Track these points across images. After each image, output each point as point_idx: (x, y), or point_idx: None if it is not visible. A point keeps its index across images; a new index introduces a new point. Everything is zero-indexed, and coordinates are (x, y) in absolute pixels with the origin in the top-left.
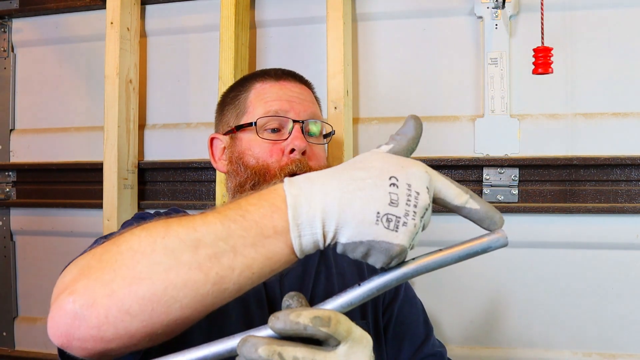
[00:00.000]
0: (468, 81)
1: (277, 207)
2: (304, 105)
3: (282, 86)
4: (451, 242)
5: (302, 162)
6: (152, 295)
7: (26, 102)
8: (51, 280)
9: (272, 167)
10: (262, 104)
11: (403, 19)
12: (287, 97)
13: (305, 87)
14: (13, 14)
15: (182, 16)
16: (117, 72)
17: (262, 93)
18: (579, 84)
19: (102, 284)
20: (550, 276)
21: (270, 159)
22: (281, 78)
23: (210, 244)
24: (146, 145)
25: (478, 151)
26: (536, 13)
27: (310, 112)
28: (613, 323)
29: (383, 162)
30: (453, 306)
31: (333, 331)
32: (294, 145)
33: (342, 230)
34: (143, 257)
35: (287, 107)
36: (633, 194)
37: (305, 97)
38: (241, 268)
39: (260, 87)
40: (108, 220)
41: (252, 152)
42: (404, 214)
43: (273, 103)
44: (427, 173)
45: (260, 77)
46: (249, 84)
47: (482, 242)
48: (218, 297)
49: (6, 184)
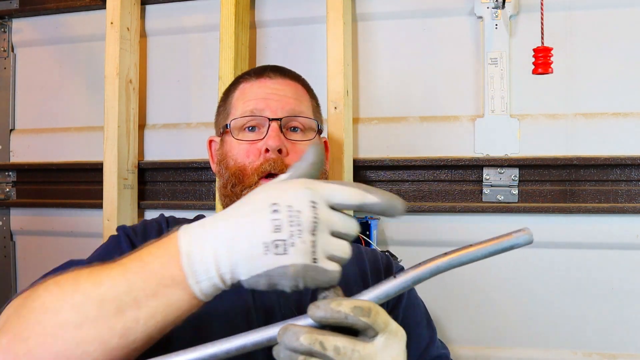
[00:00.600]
0: (468, 81)
1: (172, 256)
2: (282, 101)
3: (261, 84)
4: (452, 242)
5: (276, 161)
6: (65, 351)
7: (26, 102)
8: None
9: (248, 169)
10: (241, 104)
11: (403, 18)
12: (264, 94)
13: (292, 81)
14: (13, 14)
15: (182, 16)
16: (117, 72)
17: (243, 93)
18: (579, 84)
19: (20, 341)
20: (550, 276)
21: (247, 160)
22: (262, 75)
23: (114, 298)
24: (146, 145)
25: (478, 151)
26: (536, 13)
27: (290, 108)
28: (613, 323)
29: (266, 191)
30: (454, 306)
31: (372, 321)
32: (267, 145)
33: (237, 269)
34: (54, 315)
35: (262, 105)
36: (633, 194)
37: (286, 92)
38: (145, 318)
39: (242, 86)
40: (108, 220)
41: (231, 153)
42: (289, 235)
43: (250, 102)
44: (309, 188)
45: (245, 77)
46: (236, 84)
47: (509, 239)
48: (127, 348)
49: (6, 184)
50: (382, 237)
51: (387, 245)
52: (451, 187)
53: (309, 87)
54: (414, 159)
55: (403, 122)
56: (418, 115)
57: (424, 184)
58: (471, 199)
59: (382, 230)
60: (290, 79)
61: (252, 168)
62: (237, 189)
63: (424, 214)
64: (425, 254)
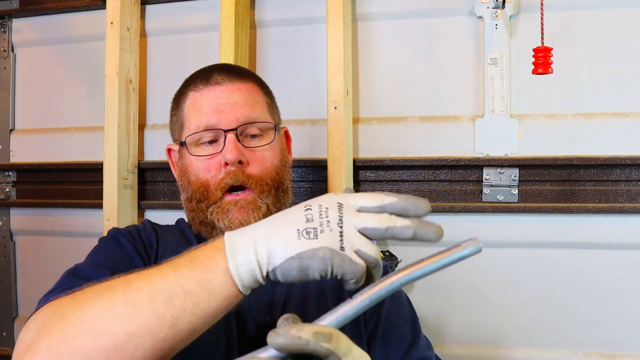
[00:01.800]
0: (468, 81)
1: (218, 249)
2: (235, 110)
3: (210, 92)
4: (452, 242)
5: (237, 173)
6: (115, 346)
7: (26, 102)
8: (51, 280)
9: (210, 184)
10: (194, 119)
11: (403, 19)
12: (215, 105)
13: (241, 82)
14: (13, 14)
15: (182, 16)
16: (117, 72)
17: (194, 104)
18: (579, 84)
19: (65, 344)
20: (550, 276)
21: (209, 175)
22: (210, 82)
23: (164, 289)
24: (146, 145)
25: (478, 151)
26: (536, 13)
27: (245, 116)
28: (613, 323)
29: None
30: (453, 306)
31: (334, 347)
32: (225, 159)
33: (273, 254)
34: (105, 311)
35: (215, 118)
36: (633, 194)
37: (238, 99)
38: (191, 307)
39: (192, 96)
40: (108, 220)
41: (192, 169)
42: (319, 224)
43: (202, 116)
44: (337, 195)
45: (193, 84)
46: (186, 92)
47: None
48: (175, 339)
49: (6, 184)
50: None
51: (387, 245)
52: (451, 187)
53: (261, 82)
54: (414, 159)
55: (403, 122)
56: (418, 115)
57: (424, 184)
58: (471, 199)
59: None
60: (240, 81)
61: (214, 183)
62: (202, 205)
63: None
64: (425, 254)
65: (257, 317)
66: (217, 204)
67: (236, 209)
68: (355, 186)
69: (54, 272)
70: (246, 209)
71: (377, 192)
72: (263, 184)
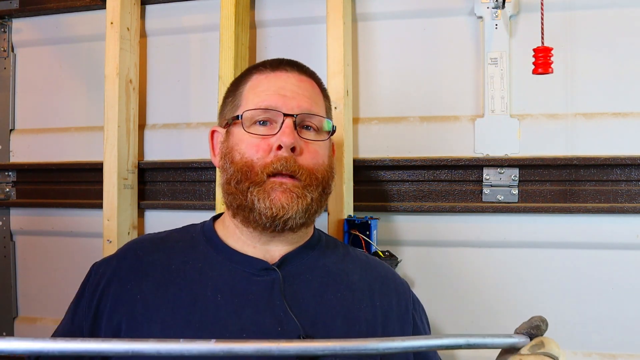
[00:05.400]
0: (468, 81)
1: None
2: (299, 98)
3: (277, 77)
4: (452, 242)
5: (288, 160)
6: None
7: (26, 102)
8: (51, 280)
9: (255, 165)
10: (255, 97)
11: (403, 19)
12: (280, 88)
13: (308, 78)
14: (13, 14)
15: (182, 16)
16: (117, 72)
17: (257, 85)
18: (579, 84)
19: None
20: (550, 276)
21: (256, 155)
22: (278, 68)
23: None
24: (146, 145)
25: (478, 151)
26: (536, 13)
27: (306, 106)
28: (613, 323)
29: None
30: (453, 306)
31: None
32: (280, 142)
33: None
34: None
35: (278, 100)
36: (633, 194)
37: (303, 89)
38: None
39: (256, 78)
40: (108, 220)
41: (239, 147)
42: None
43: (264, 96)
44: None
45: (258, 68)
46: (248, 75)
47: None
48: None
49: (6, 184)
50: (382, 237)
51: (387, 245)
52: (451, 187)
53: (324, 87)
54: (414, 159)
55: (403, 122)
56: (418, 115)
57: (424, 184)
58: (471, 199)
59: (382, 230)
60: (307, 76)
61: (260, 165)
62: (242, 186)
63: (424, 214)
64: (425, 254)
65: None
66: (259, 185)
67: (281, 190)
68: (355, 186)
69: (54, 272)
70: (292, 193)
71: None
72: (313, 177)
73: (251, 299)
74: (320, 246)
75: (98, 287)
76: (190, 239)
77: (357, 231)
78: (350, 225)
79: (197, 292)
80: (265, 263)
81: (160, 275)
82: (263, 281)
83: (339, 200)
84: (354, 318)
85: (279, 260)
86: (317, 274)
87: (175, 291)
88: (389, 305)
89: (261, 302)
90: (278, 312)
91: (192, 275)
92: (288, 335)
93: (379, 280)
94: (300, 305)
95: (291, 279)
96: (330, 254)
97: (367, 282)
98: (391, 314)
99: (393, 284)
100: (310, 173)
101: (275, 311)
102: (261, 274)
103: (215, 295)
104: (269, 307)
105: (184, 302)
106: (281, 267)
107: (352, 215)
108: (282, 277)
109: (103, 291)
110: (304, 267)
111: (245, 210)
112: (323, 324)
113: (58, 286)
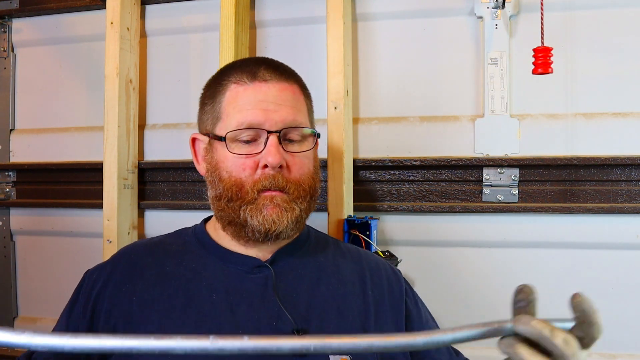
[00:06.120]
0: (468, 81)
1: None
2: (281, 111)
3: (257, 90)
4: (452, 242)
5: (276, 177)
6: None
7: (26, 102)
8: (51, 280)
9: (245, 183)
10: (235, 113)
11: (403, 18)
12: (261, 103)
13: (288, 83)
14: (13, 14)
15: (182, 16)
16: (117, 72)
17: (236, 98)
18: (579, 84)
19: None
20: (550, 276)
21: (243, 174)
22: (256, 77)
23: None
24: (146, 145)
25: (478, 151)
26: (536, 13)
27: (290, 118)
28: (613, 323)
29: None
30: (453, 306)
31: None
32: (266, 162)
33: None
34: None
35: (260, 116)
36: (633, 194)
37: (284, 99)
38: None
39: (234, 89)
40: (108, 220)
41: (225, 165)
42: None
43: (246, 113)
44: None
45: (236, 76)
46: (225, 82)
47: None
48: None
49: (6, 184)
50: (382, 237)
51: (387, 245)
52: (451, 187)
53: (303, 84)
54: (414, 159)
55: (403, 122)
56: (418, 115)
57: (424, 184)
58: (471, 199)
59: (382, 230)
60: (286, 81)
61: (250, 183)
62: (234, 205)
63: (424, 214)
64: (425, 254)
65: None
66: (251, 202)
67: (271, 206)
68: (356, 186)
69: (54, 272)
70: (281, 207)
71: None
72: (300, 189)
73: (245, 296)
74: (311, 241)
75: (93, 292)
76: (183, 242)
77: (357, 231)
78: (350, 225)
79: (192, 291)
80: (258, 261)
81: (155, 277)
82: (256, 278)
83: (339, 200)
84: (347, 310)
85: (271, 257)
86: (308, 268)
87: (171, 291)
88: (380, 295)
89: (255, 299)
90: (272, 308)
91: (186, 276)
92: (282, 331)
93: (370, 270)
94: (293, 300)
95: (283, 275)
96: (321, 249)
97: (358, 274)
98: (383, 303)
99: (385, 274)
100: (297, 186)
101: (269, 307)
102: (254, 272)
103: (210, 294)
104: (263, 304)
105: (180, 302)
106: (273, 264)
107: (352, 215)
108: (274, 274)
109: (99, 294)
110: (296, 262)
111: (238, 226)
112: (316, 318)
113: (58, 286)
